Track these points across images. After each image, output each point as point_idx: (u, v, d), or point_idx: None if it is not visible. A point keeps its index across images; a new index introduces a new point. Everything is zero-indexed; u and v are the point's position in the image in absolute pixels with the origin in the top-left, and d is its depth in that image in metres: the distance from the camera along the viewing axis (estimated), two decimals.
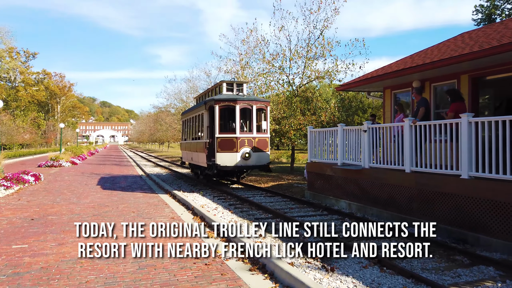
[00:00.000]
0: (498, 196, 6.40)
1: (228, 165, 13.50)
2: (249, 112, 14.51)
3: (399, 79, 11.65)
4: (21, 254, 6.13)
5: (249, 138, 13.90)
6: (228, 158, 13.50)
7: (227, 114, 14.86)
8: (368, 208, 9.52)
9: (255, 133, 14.10)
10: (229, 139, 13.68)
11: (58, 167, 26.18)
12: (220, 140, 13.61)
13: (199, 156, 15.74)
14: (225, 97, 14.15)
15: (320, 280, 5.11)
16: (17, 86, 69.62)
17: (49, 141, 78.72)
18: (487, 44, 8.79)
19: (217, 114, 13.71)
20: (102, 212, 9.84)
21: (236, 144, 13.60)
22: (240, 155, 13.55)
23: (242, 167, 13.80)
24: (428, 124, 8.02)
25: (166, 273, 5.31)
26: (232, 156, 13.54)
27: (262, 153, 14.09)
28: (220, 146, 13.57)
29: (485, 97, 11.62)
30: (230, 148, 13.56)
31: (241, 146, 13.60)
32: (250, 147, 13.76)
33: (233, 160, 13.52)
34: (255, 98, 14.74)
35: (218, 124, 13.72)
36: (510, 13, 31.27)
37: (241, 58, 20.54)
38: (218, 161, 13.50)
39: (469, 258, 6.02)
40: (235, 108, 13.82)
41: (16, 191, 13.75)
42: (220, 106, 13.82)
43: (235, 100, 13.89)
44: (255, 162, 13.82)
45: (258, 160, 13.89)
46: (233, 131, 14.08)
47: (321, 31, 18.72)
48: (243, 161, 13.59)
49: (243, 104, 13.98)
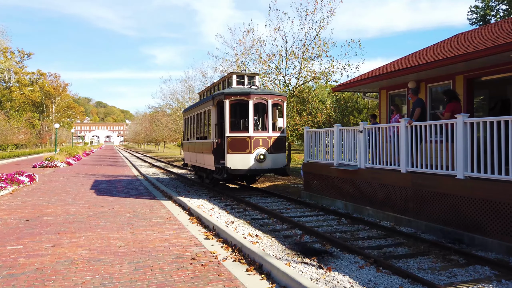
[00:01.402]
0: (493, 196, 6.44)
1: (240, 169, 12.01)
2: (263, 107, 12.95)
3: (394, 80, 11.70)
4: (16, 255, 6.09)
5: (264, 137, 12.33)
6: (240, 160, 12.03)
7: (238, 110, 13.43)
8: (364, 208, 9.55)
9: (271, 131, 12.53)
10: (242, 138, 12.15)
11: (53, 167, 26.04)
12: (231, 139, 12.12)
13: (205, 157, 14.19)
14: (237, 91, 12.56)
15: (316, 280, 5.12)
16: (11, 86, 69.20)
17: (44, 141, 78.29)
18: (482, 45, 8.85)
19: (227, 110, 12.20)
20: (97, 212, 9.79)
21: (249, 144, 12.07)
22: (254, 157, 12.06)
23: (256, 171, 12.25)
24: (424, 124, 8.05)
25: (163, 273, 5.29)
26: (245, 158, 12.07)
27: (279, 155, 12.63)
28: (231, 146, 12.09)
29: (480, 97, 11.70)
30: (243, 149, 12.07)
31: (255, 147, 12.10)
32: (265, 148, 12.26)
33: (245, 162, 12.05)
34: (270, 92, 13.09)
35: (229, 122, 12.24)
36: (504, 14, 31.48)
37: (237, 59, 20.55)
38: (228, 164, 12.03)
39: (464, 258, 6.05)
40: (248, 103, 12.22)
41: (11, 192, 13.65)
42: (231, 100, 12.26)
43: (248, 94, 12.26)
44: (270, 165, 12.29)
45: (274, 162, 12.38)
46: (245, 129, 12.55)
47: (317, 31, 18.77)
48: (257, 164, 12.10)
49: (257, 99, 12.36)
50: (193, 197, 12.69)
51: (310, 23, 18.74)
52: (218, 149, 12.70)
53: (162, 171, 24.95)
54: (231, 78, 13.57)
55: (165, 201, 11.65)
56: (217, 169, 12.70)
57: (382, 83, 12.34)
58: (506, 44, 7.86)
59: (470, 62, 9.10)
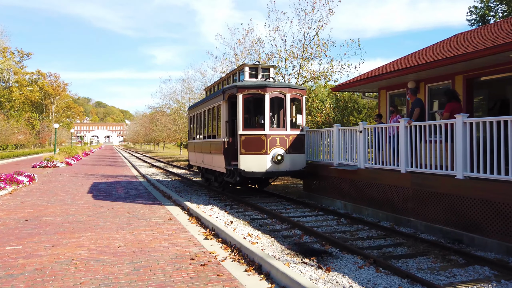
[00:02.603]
0: (492, 196, 6.43)
1: (255, 171, 10.78)
2: (280, 102, 11.65)
3: (394, 80, 11.70)
4: (15, 256, 6.08)
5: (281, 135, 11.03)
6: (255, 161, 10.77)
7: (253, 105, 12.22)
8: (364, 208, 9.54)
9: (289, 129, 11.22)
10: (257, 137, 10.88)
11: (53, 167, 26.02)
12: (244, 138, 10.89)
13: (214, 158, 12.95)
14: (251, 83, 11.31)
15: (316, 281, 5.11)
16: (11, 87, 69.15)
17: (44, 141, 78.29)
18: (481, 45, 8.85)
19: (241, 105, 10.96)
20: (97, 213, 9.78)
21: (265, 143, 10.79)
22: (271, 158, 10.76)
23: (273, 173, 10.97)
24: (423, 124, 8.05)
25: (162, 274, 5.28)
26: (260, 159, 10.77)
27: (297, 155, 11.31)
28: (245, 146, 10.86)
29: (480, 97, 11.70)
30: (258, 148, 10.81)
31: (271, 146, 10.83)
32: (283, 148, 10.97)
33: (261, 164, 10.76)
34: (289, 85, 11.77)
35: (242, 118, 10.97)
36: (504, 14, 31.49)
37: (236, 59, 20.54)
38: (242, 166, 10.80)
39: (464, 258, 6.05)
40: (264, 98, 10.95)
41: (10, 192, 13.64)
42: (244, 94, 11.01)
43: (263, 87, 10.98)
44: (289, 167, 11.01)
45: (293, 164, 11.12)
46: (261, 127, 11.20)
47: (316, 31, 18.77)
48: (274, 165, 10.81)
49: (274, 92, 11.10)
50: (193, 197, 12.68)
51: (309, 23, 18.74)
52: (229, 149, 11.64)
53: (162, 171, 24.94)
54: (243, 70, 12.30)
55: (165, 201, 11.64)
56: (228, 171, 11.60)
57: (381, 83, 12.33)
58: (506, 44, 7.87)
59: (470, 62, 9.10)
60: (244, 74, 12.21)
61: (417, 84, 11.20)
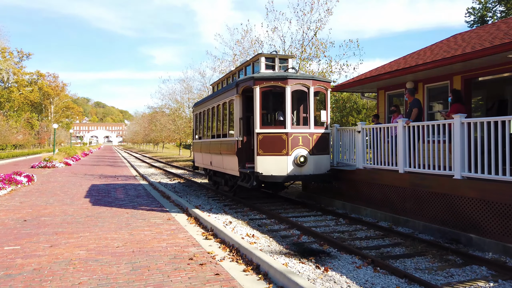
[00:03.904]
0: (490, 196, 6.45)
1: (275, 175, 9.51)
2: (302, 96, 10.28)
3: (392, 80, 11.72)
4: (13, 256, 6.08)
5: (304, 134, 9.77)
6: (275, 164, 9.52)
7: (271, 100, 11.04)
8: (362, 208, 9.56)
9: (313, 127, 9.91)
10: (276, 136, 9.62)
11: (52, 168, 26.00)
12: (262, 137, 9.65)
13: (224, 160, 11.66)
14: (270, 75, 9.94)
15: (314, 281, 5.12)
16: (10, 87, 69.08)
17: (43, 141, 78.25)
18: (479, 45, 8.87)
19: (258, 100, 9.71)
20: (95, 213, 9.78)
21: (286, 143, 9.55)
22: (292, 159, 9.49)
23: (295, 177, 9.71)
24: (422, 124, 8.07)
25: (160, 274, 5.29)
26: (280, 161, 9.50)
27: (322, 157, 10.01)
28: (263, 146, 9.62)
29: (478, 98, 11.73)
30: (278, 149, 9.56)
31: (293, 147, 9.56)
32: (306, 148, 9.68)
33: (281, 167, 9.49)
34: (312, 76, 10.28)
35: (260, 114, 9.74)
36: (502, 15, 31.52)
37: (235, 59, 20.55)
38: (259, 169, 9.55)
39: (462, 258, 6.06)
40: (285, 90, 9.64)
41: (9, 192, 13.63)
42: (262, 87, 9.75)
43: (284, 79, 9.67)
44: (313, 170, 9.71)
45: (317, 167, 9.83)
46: (281, 124, 9.91)
47: (314, 32, 18.77)
48: (296, 168, 9.52)
49: (296, 85, 9.79)
50: (191, 198, 12.69)
51: (307, 24, 18.75)
52: (243, 150, 10.33)
53: (161, 172, 24.95)
54: (258, 61, 10.99)
55: (164, 201, 11.64)
56: (242, 174, 10.34)
57: (380, 83, 12.36)
58: (503, 44, 7.89)
59: (468, 63, 9.12)
60: (259, 66, 10.88)
61: (415, 85, 11.22)
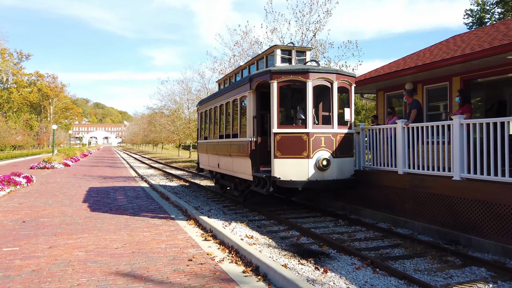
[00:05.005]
0: (489, 197, 6.45)
1: (294, 180, 8.52)
2: (324, 92, 9.18)
3: (392, 81, 11.73)
4: (12, 257, 6.07)
5: (327, 134, 8.78)
6: (294, 167, 8.57)
7: (290, 96, 9.87)
8: (362, 210, 9.55)
9: (336, 126, 8.93)
10: (296, 136, 8.67)
11: (51, 169, 25.98)
12: (280, 138, 8.71)
13: (235, 162, 10.70)
14: (289, 68, 8.94)
15: (313, 282, 5.12)
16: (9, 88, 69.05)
17: (42, 142, 78.18)
18: (479, 46, 8.88)
19: (276, 95, 8.77)
20: (94, 214, 9.77)
21: (307, 144, 8.57)
22: (314, 163, 8.54)
23: (317, 183, 8.56)
24: (421, 126, 8.08)
25: (159, 275, 5.28)
26: (301, 164, 8.54)
27: (346, 160, 9.06)
28: (281, 148, 8.68)
29: (477, 99, 11.74)
30: (298, 151, 8.60)
31: (315, 149, 8.59)
32: (329, 150, 8.71)
33: (302, 171, 8.53)
34: (336, 70, 9.21)
35: (277, 112, 8.81)
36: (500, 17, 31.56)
37: (235, 60, 20.54)
38: (276, 173, 8.62)
39: (461, 259, 6.06)
40: (306, 86, 8.64)
41: (8, 193, 13.61)
42: (280, 82, 8.77)
43: (305, 72, 8.65)
44: (336, 175, 8.72)
45: (340, 171, 8.85)
46: (301, 123, 8.94)
47: (313, 33, 18.77)
48: (318, 173, 8.55)
49: (318, 79, 8.77)
50: (191, 199, 12.68)
51: (306, 25, 18.75)
52: (257, 151, 9.39)
53: (160, 173, 24.93)
54: (273, 53, 10.00)
55: (163, 202, 11.63)
56: (256, 179, 9.38)
57: (379, 84, 12.36)
58: (502, 45, 7.90)
59: (467, 64, 9.13)
60: (274, 59, 9.85)
61: (414, 86, 11.22)
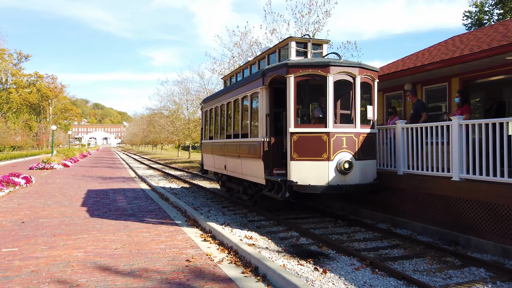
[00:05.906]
0: (488, 198, 6.46)
1: (313, 184, 7.69)
2: (348, 87, 8.29)
3: (391, 82, 11.72)
4: (11, 258, 6.06)
5: (349, 134, 7.93)
6: (313, 171, 7.73)
7: (308, 92, 9.06)
8: (362, 210, 9.56)
9: (359, 125, 8.08)
10: (315, 136, 7.81)
11: (50, 169, 25.95)
12: (297, 138, 7.87)
13: (244, 164, 9.96)
14: (307, 61, 8.06)
15: (312, 282, 5.12)
16: (8, 88, 69.02)
17: (41, 143, 78.11)
18: (477, 47, 8.89)
19: (292, 92, 7.91)
20: (94, 215, 9.76)
21: (327, 145, 7.72)
22: (335, 166, 7.69)
23: (337, 188, 7.74)
24: (420, 126, 8.08)
25: (158, 276, 5.28)
26: (320, 167, 7.71)
27: (369, 162, 8.19)
28: (298, 149, 7.84)
29: (476, 99, 11.74)
30: (317, 152, 7.74)
31: (336, 150, 7.73)
32: (351, 152, 7.85)
33: (321, 174, 7.69)
34: (359, 64, 8.29)
35: (294, 110, 7.98)
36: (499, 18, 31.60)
37: (235, 61, 20.56)
38: (293, 177, 7.79)
39: (460, 259, 6.07)
40: (326, 80, 7.79)
41: (7, 194, 13.60)
42: (298, 76, 7.92)
43: (326, 66, 7.79)
44: (359, 179, 7.87)
45: (363, 175, 7.99)
46: (321, 122, 8.20)
47: (313, 33, 18.79)
48: (339, 176, 7.70)
49: (340, 74, 7.91)
50: (190, 199, 12.68)
51: (305, 25, 18.77)
52: (270, 153, 8.62)
53: (159, 173, 24.92)
54: (287, 46, 9.13)
55: (162, 203, 11.63)
56: (269, 183, 8.66)
57: (378, 85, 12.34)
58: (501, 46, 7.91)
59: (466, 65, 9.14)
60: (288, 52, 9.03)
61: (413, 86, 11.23)
